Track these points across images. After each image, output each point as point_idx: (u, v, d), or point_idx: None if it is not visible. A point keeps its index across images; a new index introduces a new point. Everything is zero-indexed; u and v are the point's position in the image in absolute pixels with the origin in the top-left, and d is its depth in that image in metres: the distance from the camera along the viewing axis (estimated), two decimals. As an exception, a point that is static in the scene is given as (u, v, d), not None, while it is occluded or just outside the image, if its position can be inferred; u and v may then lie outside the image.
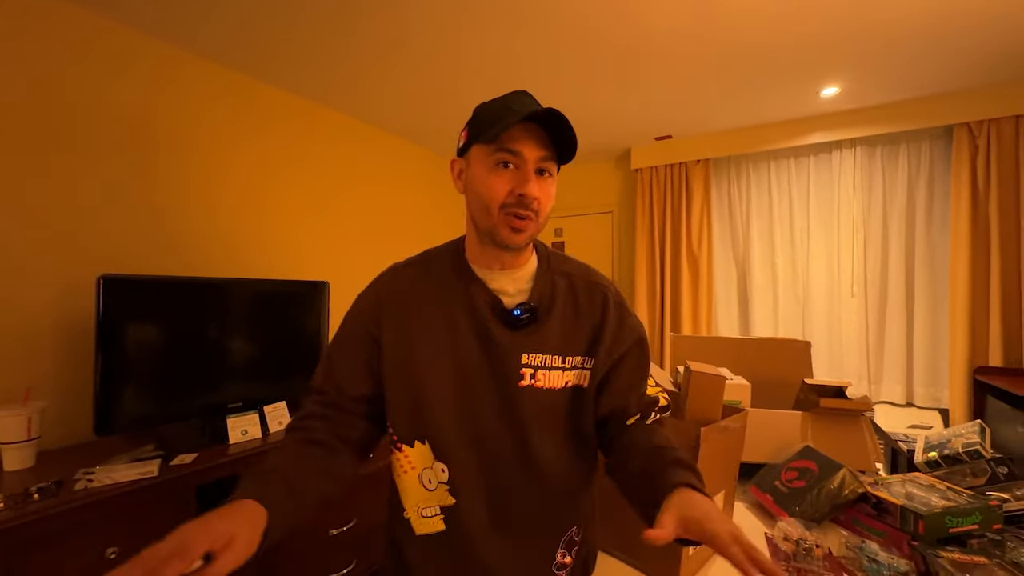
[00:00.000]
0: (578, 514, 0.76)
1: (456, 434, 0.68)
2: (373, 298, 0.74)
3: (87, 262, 1.63)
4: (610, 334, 0.72)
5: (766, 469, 1.31)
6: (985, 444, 1.27)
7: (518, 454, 0.69)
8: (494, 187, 0.64)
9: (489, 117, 0.66)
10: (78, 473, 1.25)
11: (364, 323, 0.73)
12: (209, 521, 0.48)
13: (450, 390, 0.68)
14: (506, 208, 0.64)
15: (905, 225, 2.67)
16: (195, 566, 0.44)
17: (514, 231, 0.65)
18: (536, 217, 0.65)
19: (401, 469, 0.73)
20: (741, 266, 3.15)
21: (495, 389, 0.68)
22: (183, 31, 1.78)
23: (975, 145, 2.43)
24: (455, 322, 0.69)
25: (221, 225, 2.06)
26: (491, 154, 0.64)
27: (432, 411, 0.68)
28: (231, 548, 0.47)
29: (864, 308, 2.75)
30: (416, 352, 0.69)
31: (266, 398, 1.79)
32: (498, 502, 0.69)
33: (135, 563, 0.42)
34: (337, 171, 2.60)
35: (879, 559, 0.94)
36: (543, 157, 0.65)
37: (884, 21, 1.78)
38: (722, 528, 0.49)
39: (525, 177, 0.64)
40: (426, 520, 0.71)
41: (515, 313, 0.68)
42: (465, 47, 1.93)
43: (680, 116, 2.75)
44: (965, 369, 2.40)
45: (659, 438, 0.70)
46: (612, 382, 0.73)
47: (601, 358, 0.71)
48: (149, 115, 1.82)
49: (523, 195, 0.63)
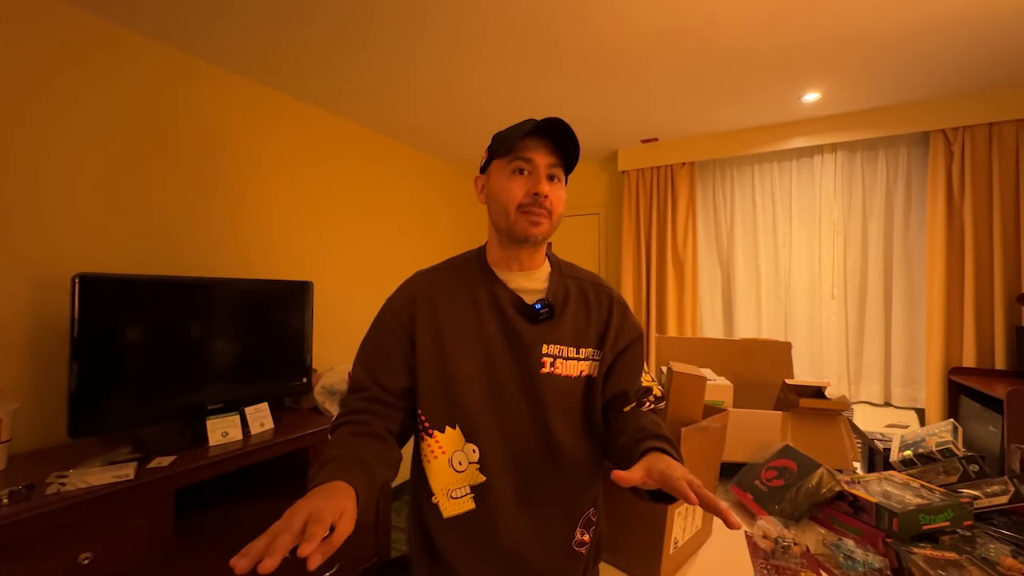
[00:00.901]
0: (593, 497, 0.84)
1: (485, 416, 0.76)
2: (408, 297, 0.82)
3: (61, 260, 1.59)
4: (615, 330, 0.82)
5: (747, 468, 1.32)
6: (957, 443, 1.30)
7: (540, 436, 0.77)
8: (511, 190, 0.76)
9: (504, 137, 0.77)
10: (50, 476, 1.22)
11: (399, 320, 0.80)
12: (326, 497, 0.55)
13: (479, 376, 0.76)
14: (523, 207, 0.75)
15: (883, 229, 2.73)
16: (326, 533, 0.51)
17: (532, 225, 0.76)
18: (550, 215, 0.77)
19: (432, 454, 0.78)
20: (725, 268, 3.19)
21: (519, 375, 0.77)
22: (175, 32, 1.75)
23: (950, 151, 2.50)
24: (482, 316, 0.78)
25: (202, 224, 2.02)
26: (508, 164, 0.77)
27: (464, 395, 0.76)
28: (345, 518, 0.54)
29: (844, 310, 2.81)
30: (447, 343, 0.77)
31: (247, 399, 1.76)
32: (523, 481, 0.77)
33: (279, 530, 0.48)
34: (321, 170, 2.57)
35: (855, 556, 0.96)
36: (552, 163, 0.77)
37: (863, 30, 1.82)
38: (680, 473, 0.57)
39: (538, 179, 0.76)
40: (455, 501, 0.77)
41: (536, 307, 0.77)
42: (456, 51, 1.92)
43: (666, 119, 2.78)
44: (941, 370, 2.47)
45: (648, 420, 0.78)
46: (615, 372, 0.83)
47: (607, 351, 0.81)
48: (136, 113, 1.78)
49: (537, 194, 0.74)
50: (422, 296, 0.81)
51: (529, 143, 0.75)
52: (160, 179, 1.87)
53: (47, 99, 1.58)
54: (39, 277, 1.54)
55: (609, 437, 0.81)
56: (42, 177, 1.57)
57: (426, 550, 0.80)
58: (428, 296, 0.81)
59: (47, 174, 1.58)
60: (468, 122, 2.75)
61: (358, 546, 2.00)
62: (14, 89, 1.51)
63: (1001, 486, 1.11)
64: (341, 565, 1.88)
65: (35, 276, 1.54)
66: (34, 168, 1.55)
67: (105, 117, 1.71)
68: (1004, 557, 0.92)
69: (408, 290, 0.83)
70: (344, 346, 2.62)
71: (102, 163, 1.71)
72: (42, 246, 1.56)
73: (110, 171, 1.73)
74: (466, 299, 0.80)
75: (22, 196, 1.52)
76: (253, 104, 2.22)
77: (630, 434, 0.74)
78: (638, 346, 0.86)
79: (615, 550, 0.99)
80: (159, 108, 1.87)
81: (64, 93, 1.61)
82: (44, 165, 1.57)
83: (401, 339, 0.79)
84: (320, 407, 2.00)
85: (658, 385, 0.89)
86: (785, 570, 0.96)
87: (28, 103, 1.54)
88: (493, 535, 0.76)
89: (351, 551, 1.96)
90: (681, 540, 0.97)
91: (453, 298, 0.80)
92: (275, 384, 1.93)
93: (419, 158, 3.30)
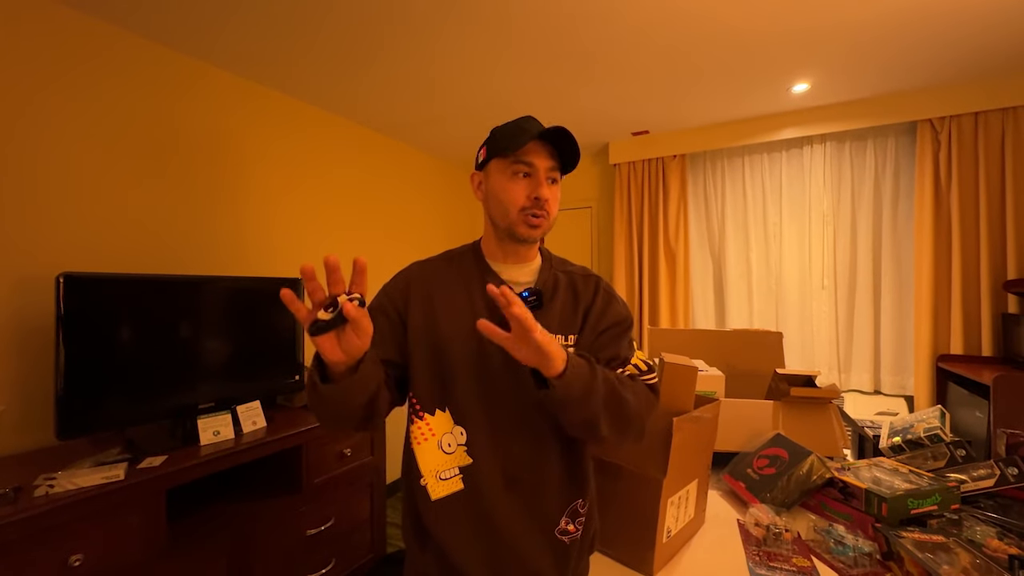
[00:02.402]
0: (581, 488, 0.84)
1: (474, 400, 0.78)
2: (404, 282, 0.85)
3: (46, 259, 1.56)
4: (596, 313, 0.84)
5: (739, 457, 1.34)
6: (945, 428, 1.32)
7: (525, 420, 0.79)
8: (514, 193, 0.78)
9: (505, 136, 0.79)
10: (38, 479, 1.20)
11: (393, 302, 0.83)
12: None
13: (470, 361, 0.79)
14: (524, 210, 0.78)
15: (872, 218, 2.75)
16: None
17: (531, 227, 0.79)
18: (548, 216, 0.80)
19: (422, 436, 0.80)
20: (717, 260, 3.20)
21: (507, 362, 0.76)
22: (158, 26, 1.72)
23: (937, 140, 2.51)
24: (474, 304, 0.81)
25: (191, 222, 1.99)
26: (509, 166, 0.79)
27: (455, 379, 0.78)
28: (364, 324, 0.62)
29: (834, 299, 2.83)
30: (440, 328, 0.80)
31: (239, 398, 1.75)
32: (509, 464, 0.79)
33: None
34: (312, 166, 2.55)
35: (845, 541, 0.98)
36: (552, 167, 0.79)
37: (851, 20, 1.82)
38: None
39: (538, 183, 0.78)
40: (444, 483, 0.79)
41: (523, 295, 0.79)
42: (448, 47, 1.91)
43: (656, 111, 2.77)
44: (929, 357, 2.50)
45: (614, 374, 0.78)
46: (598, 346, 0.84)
47: (587, 332, 0.83)
48: (123, 113, 1.75)
49: (538, 198, 0.77)
50: (417, 282, 0.84)
51: (531, 146, 0.78)
52: (150, 178, 1.85)
53: (39, 101, 1.57)
54: (23, 276, 1.52)
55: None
56: (27, 176, 1.54)
57: (418, 534, 0.82)
58: (424, 283, 0.84)
59: (33, 174, 1.55)
60: (459, 117, 2.73)
61: (353, 542, 2.00)
62: (9, 90, 1.50)
63: (987, 470, 1.13)
64: (337, 561, 1.88)
65: (18, 275, 1.51)
66: (19, 167, 1.52)
67: (93, 117, 1.69)
68: (990, 539, 0.94)
69: (404, 277, 0.86)
70: (337, 343, 2.60)
71: (90, 163, 1.68)
72: (26, 245, 1.53)
73: (99, 171, 1.70)
74: (460, 288, 0.83)
75: (6, 195, 1.49)
76: (243, 101, 2.19)
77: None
78: (619, 330, 0.85)
79: (608, 540, 0.99)
80: (147, 107, 1.84)
81: (54, 94, 1.59)
82: (30, 165, 1.54)
83: (392, 318, 0.82)
84: (313, 404, 1.99)
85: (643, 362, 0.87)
86: (777, 556, 0.97)
87: (22, 105, 1.53)
88: (482, 516, 0.78)
89: (346, 548, 1.96)
90: (674, 529, 0.98)
91: (447, 286, 0.83)
92: (267, 382, 1.92)
93: (410, 153, 3.27)
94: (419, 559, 0.82)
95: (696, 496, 1.06)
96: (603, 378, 0.71)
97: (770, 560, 0.96)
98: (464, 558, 0.77)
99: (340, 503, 1.93)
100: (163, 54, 1.90)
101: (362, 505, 2.05)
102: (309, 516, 1.79)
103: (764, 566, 0.94)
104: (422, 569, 0.82)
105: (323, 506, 1.85)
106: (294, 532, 1.74)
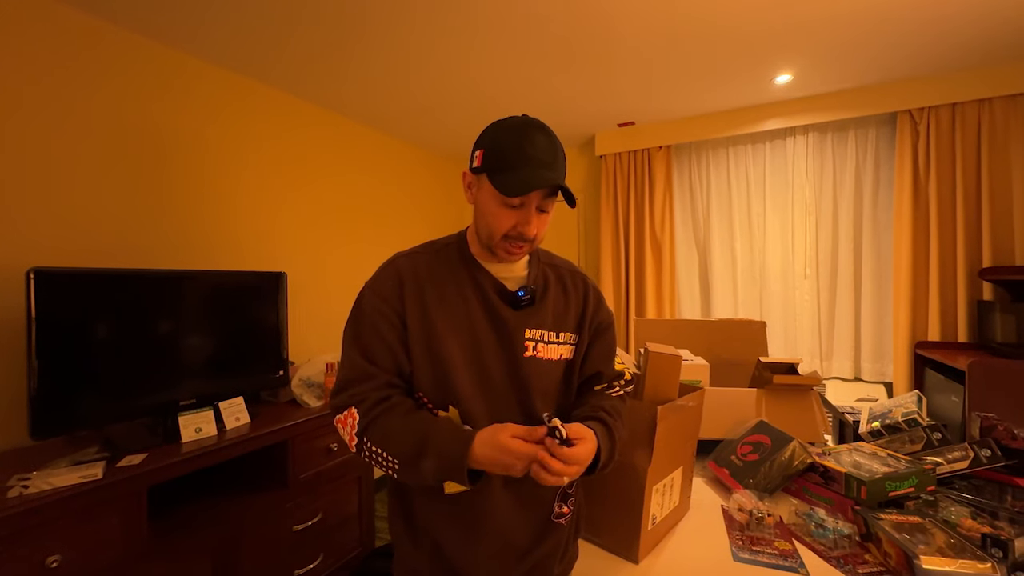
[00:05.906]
0: None
1: (475, 399, 0.78)
2: (395, 279, 0.80)
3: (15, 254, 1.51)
4: (591, 315, 0.87)
5: (723, 444, 1.35)
6: (922, 413, 1.35)
7: (523, 417, 0.79)
8: (500, 220, 0.75)
9: (506, 158, 0.73)
10: (12, 480, 1.17)
11: (390, 304, 0.79)
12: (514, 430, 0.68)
13: (468, 360, 0.78)
14: (508, 238, 0.76)
15: (853, 208, 2.79)
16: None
17: (510, 254, 0.78)
18: (531, 244, 0.78)
19: None
20: (702, 250, 3.22)
21: (504, 359, 0.79)
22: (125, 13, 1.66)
23: (916, 131, 2.55)
24: (467, 302, 0.80)
25: (169, 217, 1.95)
26: (501, 195, 0.73)
27: (456, 378, 0.77)
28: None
29: (816, 289, 2.88)
30: (437, 327, 0.78)
31: (221, 394, 1.72)
32: None
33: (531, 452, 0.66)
34: (289, 159, 2.50)
35: (825, 524, 1.00)
36: (545, 196, 0.75)
37: (834, 12, 1.83)
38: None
39: (527, 218, 0.75)
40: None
41: (519, 294, 0.80)
42: (430, 36, 1.87)
43: (642, 103, 2.77)
44: (907, 344, 2.55)
45: (608, 404, 0.84)
46: (591, 356, 0.88)
47: (585, 334, 0.85)
48: (93, 105, 1.69)
49: (523, 232, 0.75)
50: (409, 278, 0.80)
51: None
52: (124, 171, 1.79)
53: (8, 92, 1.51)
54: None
55: (572, 406, 0.87)
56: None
57: (409, 530, 0.82)
58: (414, 278, 0.80)
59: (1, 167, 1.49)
60: (439, 108, 2.69)
61: (342, 537, 1.99)
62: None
63: (962, 452, 1.16)
64: (325, 556, 1.87)
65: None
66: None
67: (63, 108, 1.63)
68: (964, 519, 0.97)
69: (394, 272, 0.81)
70: (321, 336, 2.58)
71: (61, 155, 1.62)
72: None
73: (71, 163, 1.65)
74: (451, 284, 0.81)
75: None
76: (218, 92, 2.13)
77: (588, 409, 0.82)
78: (612, 331, 0.91)
79: (594, 528, 1.00)
80: (122, 98, 1.78)
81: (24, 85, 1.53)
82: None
83: (395, 323, 0.78)
84: (298, 399, 1.97)
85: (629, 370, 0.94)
86: (760, 540, 0.98)
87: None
88: (481, 512, 0.78)
89: (335, 542, 1.95)
90: (659, 516, 0.99)
91: (438, 283, 0.81)
92: (251, 378, 1.89)
93: (390, 144, 3.23)
94: (411, 556, 0.82)
95: (681, 483, 1.07)
96: (617, 436, 0.79)
97: (753, 544, 0.97)
98: (463, 555, 0.78)
99: (328, 498, 1.92)
100: (139, 43, 1.84)
101: (350, 499, 2.04)
102: (296, 512, 1.78)
103: (747, 550, 0.95)
104: (414, 566, 0.82)
105: (310, 501, 1.84)
106: (281, 528, 1.72)
